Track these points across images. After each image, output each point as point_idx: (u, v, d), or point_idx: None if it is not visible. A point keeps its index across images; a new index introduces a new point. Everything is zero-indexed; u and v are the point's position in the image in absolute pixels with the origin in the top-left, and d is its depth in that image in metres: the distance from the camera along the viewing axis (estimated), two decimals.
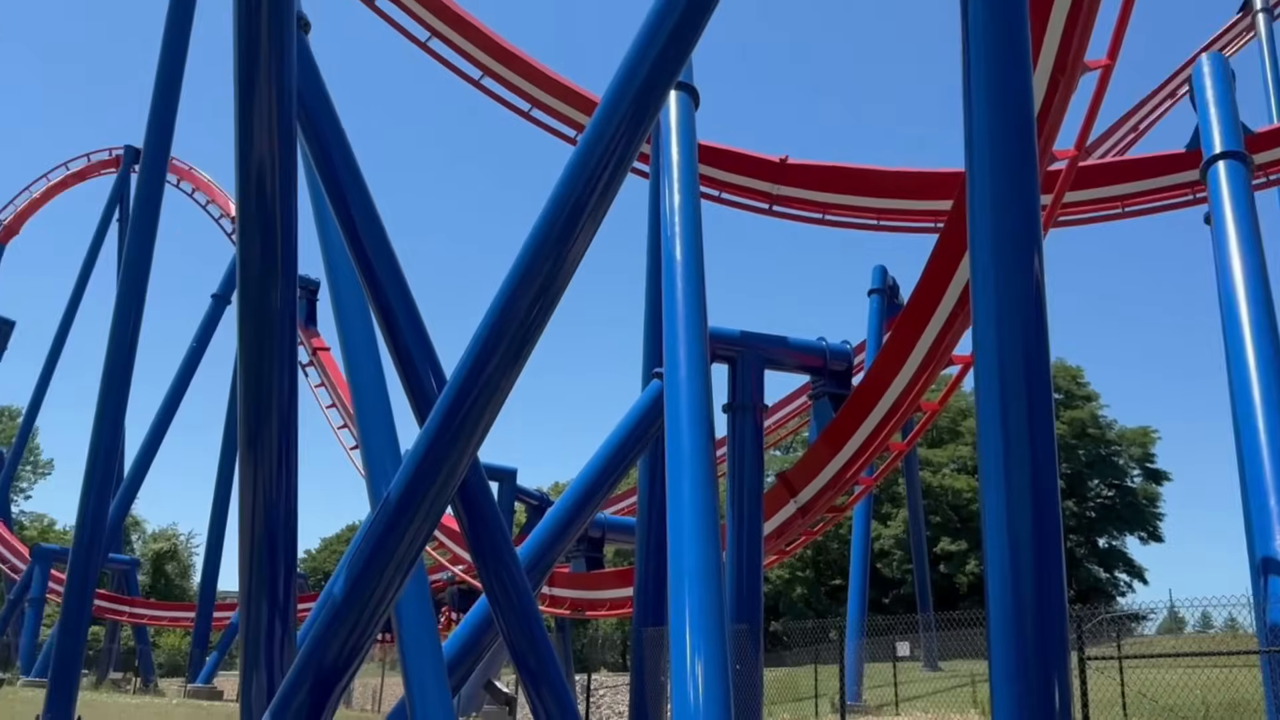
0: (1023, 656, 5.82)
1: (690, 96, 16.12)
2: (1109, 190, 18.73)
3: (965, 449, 54.97)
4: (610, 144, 7.46)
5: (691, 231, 13.73)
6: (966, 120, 6.81)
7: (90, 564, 16.09)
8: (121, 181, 44.09)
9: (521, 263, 7.35)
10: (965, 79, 6.86)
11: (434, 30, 22.37)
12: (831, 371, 17.04)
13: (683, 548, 9.96)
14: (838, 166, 20.71)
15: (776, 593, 54.22)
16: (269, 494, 7.14)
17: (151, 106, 16.11)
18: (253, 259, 6.93)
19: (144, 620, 45.49)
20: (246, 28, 6.57)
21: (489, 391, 7.20)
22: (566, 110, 22.58)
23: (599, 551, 25.81)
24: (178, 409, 38.81)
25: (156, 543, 73.20)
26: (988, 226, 6.62)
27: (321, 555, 79.93)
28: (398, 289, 9.03)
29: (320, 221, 9.78)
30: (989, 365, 6.41)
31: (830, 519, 19.21)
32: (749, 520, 15.42)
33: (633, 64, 7.62)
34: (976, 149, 6.73)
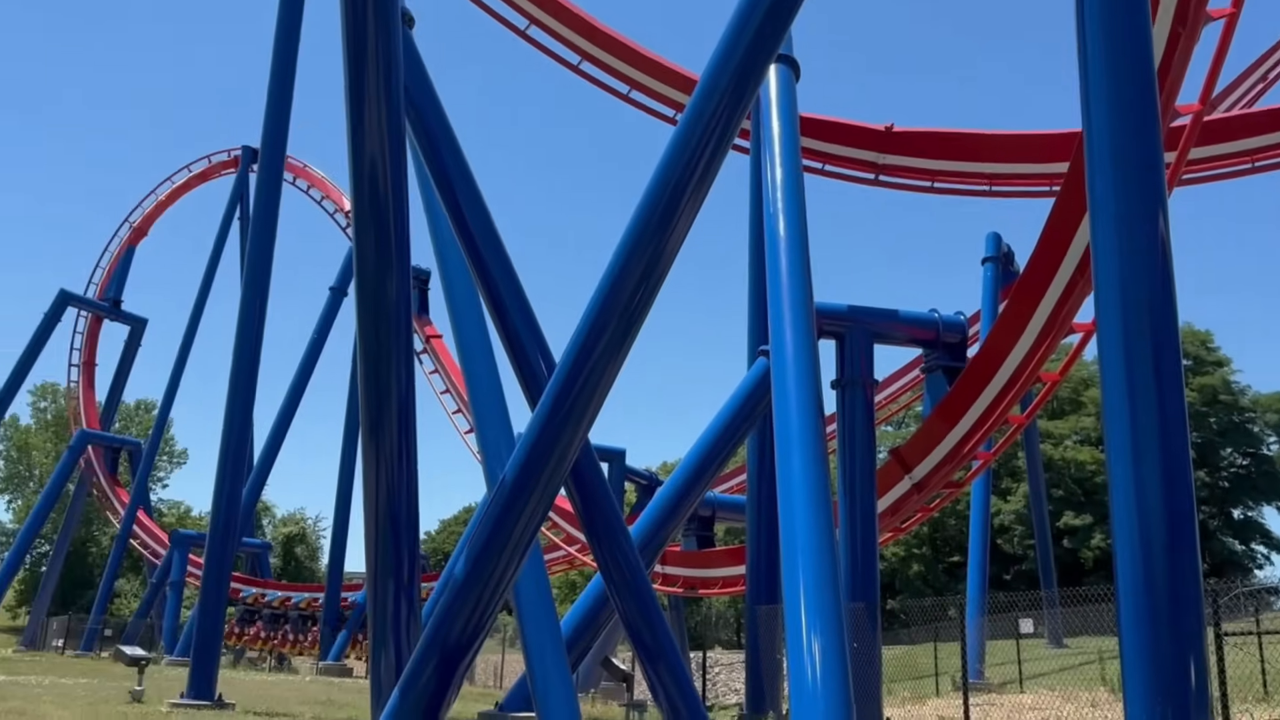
0: (1155, 633, 5.62)
1: (790, 69, 15.90)
2: (1237, 145, 17.72)
3: (1088, 420, 53.08)
4: (711, 121, 7.44)
5: (795, 206, 13.56)
6: (1082, 78, 6.54)
7: (226, 548, 16.93)
8: (241, 181, 45.94)
9: (626, 245, 7.41)
10: (1080, 35, 6.58)
11: (532, 18, 22.58)
12: (945, 344, 16.64)
13: (795, 526, 9.90)
14: (946, 132, 20.14)
15: (893, 571, 53.44)
16: (391, 478, 7.40)
17: (267, 108, 16.74)
18: (368, 251, 7.16)
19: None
20: (354, 27, 6.76)
21: (598, 374, 7.29)
22: (665, 90, 22.54)
23: (710, 530, 25.87)
24: (301, 398, 40.38)
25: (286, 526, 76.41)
26: (1109, 188, 6.35)
27: (440, 537, 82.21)
28: (506, 276, 9.21)
29: (430, 212, 10.03)
30: (1113, 332, 6.18)
31: (947, 495, 18.79)
32: (862, 498, 15.22)
33: (732, 39, 7.57)
34: (1094, 107, 6.46)
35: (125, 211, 53.74)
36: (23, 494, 66.90)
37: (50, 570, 49.11)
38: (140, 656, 16.61)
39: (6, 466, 68.42)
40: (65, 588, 58.67)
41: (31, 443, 68.85)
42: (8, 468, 68.44)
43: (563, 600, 49.97)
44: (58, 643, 42.23)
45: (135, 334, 52.87)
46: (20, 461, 68.59)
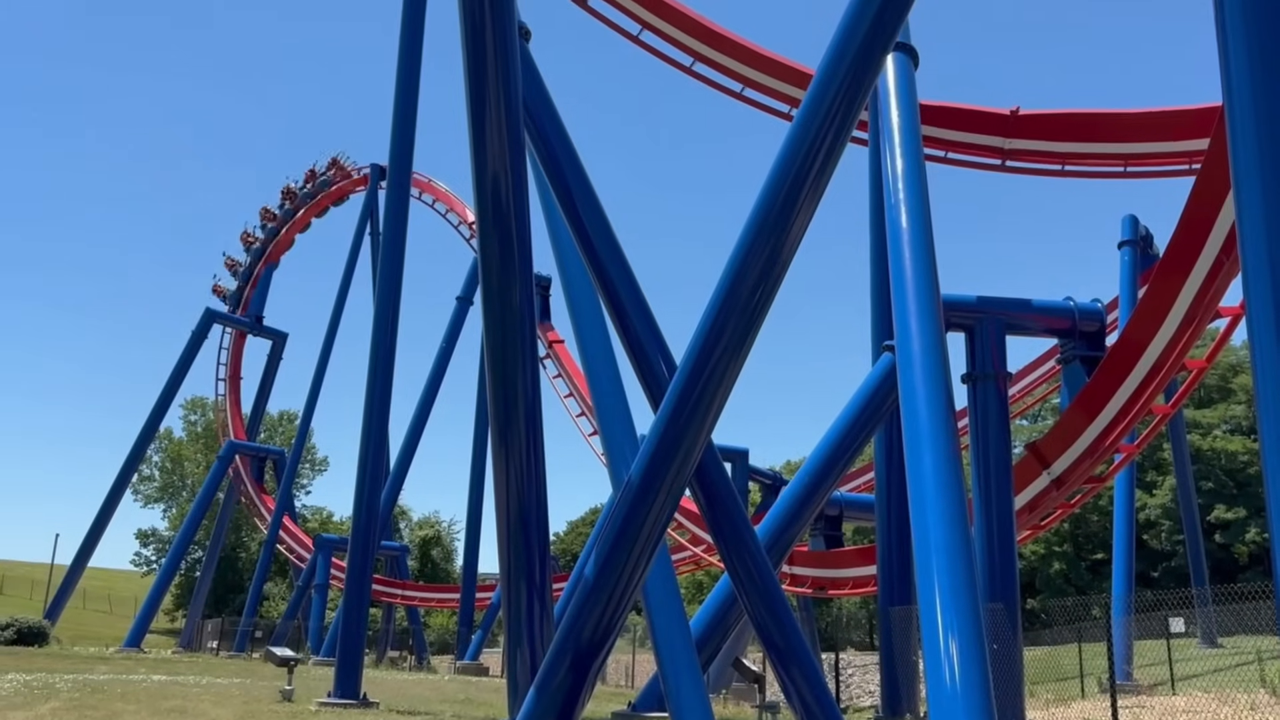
0: None
1: (909, 57, 15.57)
2: None
3: (1239, 408, 50.16)
4: (828, 114, 7.35)
5: (917, 196, 13.25)
6: (1220, 44, 6.19)
7: (366, 551, 17.60)
8: (371, 197, 47.70)
9: (744, 241, 7.39)
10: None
11: (645, 23, 22.75)
12: (1082, 333, 16.00)
13: (928, 525, 9.67)
14: (1075, 113, 19.37)
15: (1032, 569, 51.62)
16: (521, 481, 7.57)
17: (393, 126, 17.35)
18: (492, 261, 7.35)
19: (415, 602, 49.15)
20: (473, 43, 6.96)
21: (719, 374, 7.29)
22: (779, 86, 22.39)
23: (838, 529, 25.50)
24: (433, 406, 41.62)
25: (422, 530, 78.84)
26: (1254, 162, 5.98)
27: (569, 538, 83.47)
28: (626, 281, 9.31)
29: (550, 221, 10.23)
30: (1264, 314, 5.81)
31: (1089, 490, 18.04)
32: (998, 495, 14.76)
33: (848, 29, 7.47)
34: (1235, 78, 6.09)
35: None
36: (177, 503, 71.00)
37: (204, 575, 51.93)
38: (289, 657, 17.36)
39: (161, 477, 72.67)
40: (218, 591, 62.04)
41: (184, 454, 73.06)
42: (162, 478, 72.68)
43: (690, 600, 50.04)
44: (212, 644, 44.57)
45: (276, 348, 55.49)
46: (174, 472, 72.83)
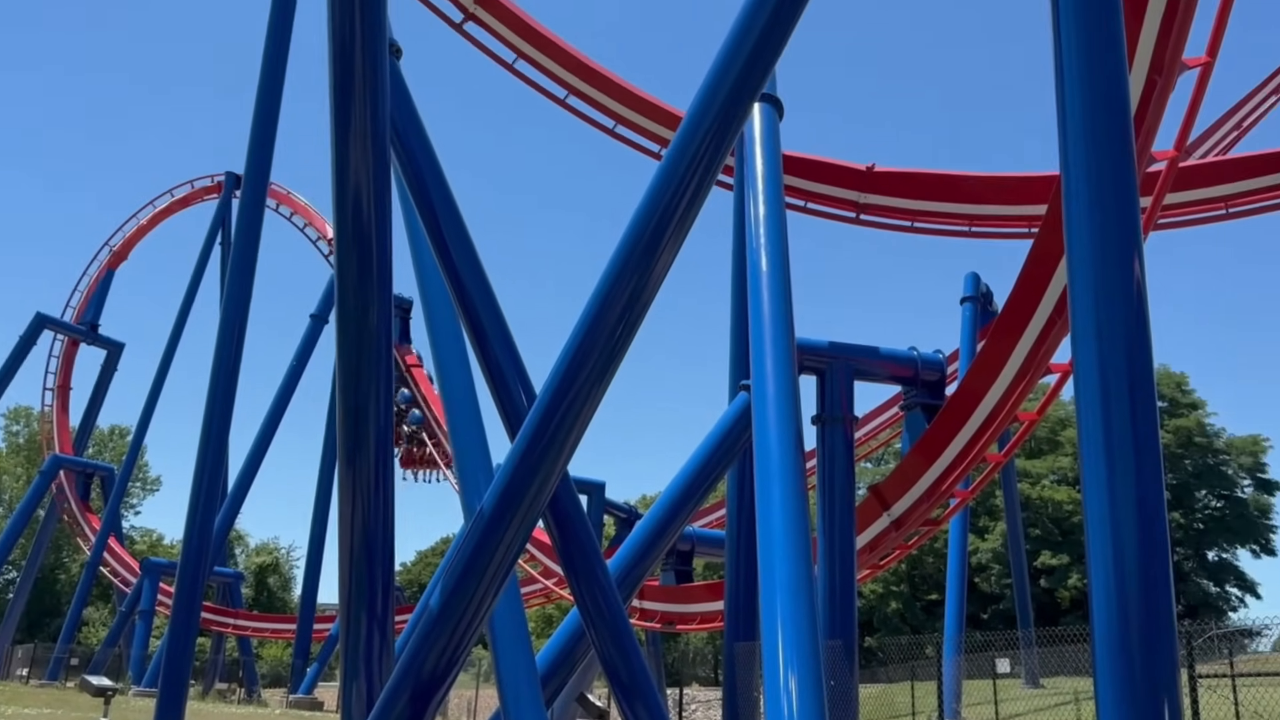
0: (1130, 674, 5.62)
1: (774, 108, 16.06)
2: (1211, 191, 18.01)
3: (1066, 460, 53.41)
4: (695, 158, 7.50)
5: (777, 242, 13.66)
6: (1060, 122, 6.65)
7: (197, 577, 16.67)
8: (224, 206, 45.82)
9: (609, 276, 7.44)
10: (1058, 80, 6.70)
11: (520, 52, 22.77)
12: (924, 382, 16.74)
13: (774, 561, 9.88)
14: (926, 173, 20.37)
15: (871, 608, 53.34)
16: (367, 508, 7.33)
17: (251, 133, 16.73)
18: (350, 279, 7.14)
19: (248, 632, 46.93)
20: (341, 56, 6.79)
21: (578, 405, 7.29)
22: (651, 126, 22.74)
23: (689, 565, 25.75)
24: (279, 426, 40.07)
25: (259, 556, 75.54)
26: (1085, 230, 6.44)
27: (417, 568, 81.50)
28: (488, 306, 9.20)
29: (413, 241, 10.03)
30: (1089, 373, 6.23)
31: (925, 532, 18.80)
32: (841, 534, 15.21)
33: (716, 79, 7.66)
34: (1072, 151, 6.56)
35: (106, 235, 53.40)
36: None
37: (17, 597, 48.26)
38: (107, 687, 16.30)
39: None
40: (32, 615, 57.65)
41: (2, 466, 67.95)
42: None
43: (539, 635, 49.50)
44: (22, 671, 41.42)
45: (112, 358, 52.42)
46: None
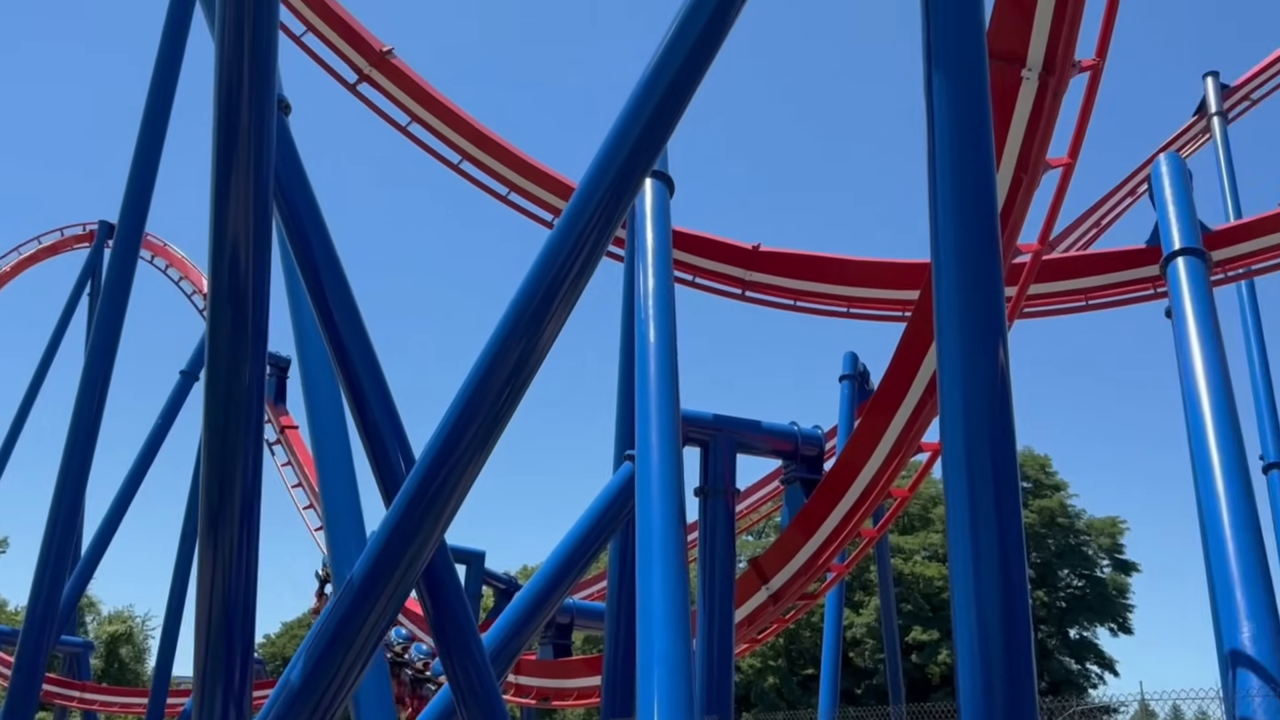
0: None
1: (665, 185, 16.41)
2: (1073, 283, 19.10)
3: (936, 536, 54.93)
4: (585, 229, 7.60)
5: (665, 315, 13.86)
6: (931, 214, 6.99)
7: (40, 646, 15.57)
8: (94, 255, 43.84)
9: (495, 343, 7.41)
10: (930, 176, 7.06)
11: (414, 115, 22.73)
12: (803, 456, 17.04)
13: (652, 635, 9.82)
14: (808, 255, 21.03)
15: (748, 682, 53.30)
16: (228, 575, 6.99)
17: (129, 181, 16.18)
18: (222, 335, 6.91)
19: (95, 706, 43.74)
20: (226, 110, 6.67)
21: (458, 472, 7.17)
22: (543, 195, 22.91)
23: (567, 638, 25.31)
24: (139, 487, 38.05)
25: (111, 625, 71.05)
26: (954, 317, 6.74)
27: (282, 640, 77.91)
28: (369, 367, 9.02)
29: (293, 299, 9.80)
30: (956, 452, 6.47)
31: (802, 606, 19.00)
32: (720, 607, 15.22)
33: (608, 154, 7.80)
34: (942, 242, 6.90)
35: None
36: None
37: None
38: None
39: None
40: None
41: None
42: None
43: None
44: None
45: None
46: None
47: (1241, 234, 17.90)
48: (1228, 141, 28.56)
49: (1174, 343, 15.05)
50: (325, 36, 21.23)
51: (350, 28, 21.23)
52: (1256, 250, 17.68)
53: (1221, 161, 27.82)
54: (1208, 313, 15.03)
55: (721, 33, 7.81)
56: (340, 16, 21.06)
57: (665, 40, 7.84)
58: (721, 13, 7.73)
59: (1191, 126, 31.22)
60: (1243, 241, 17.76)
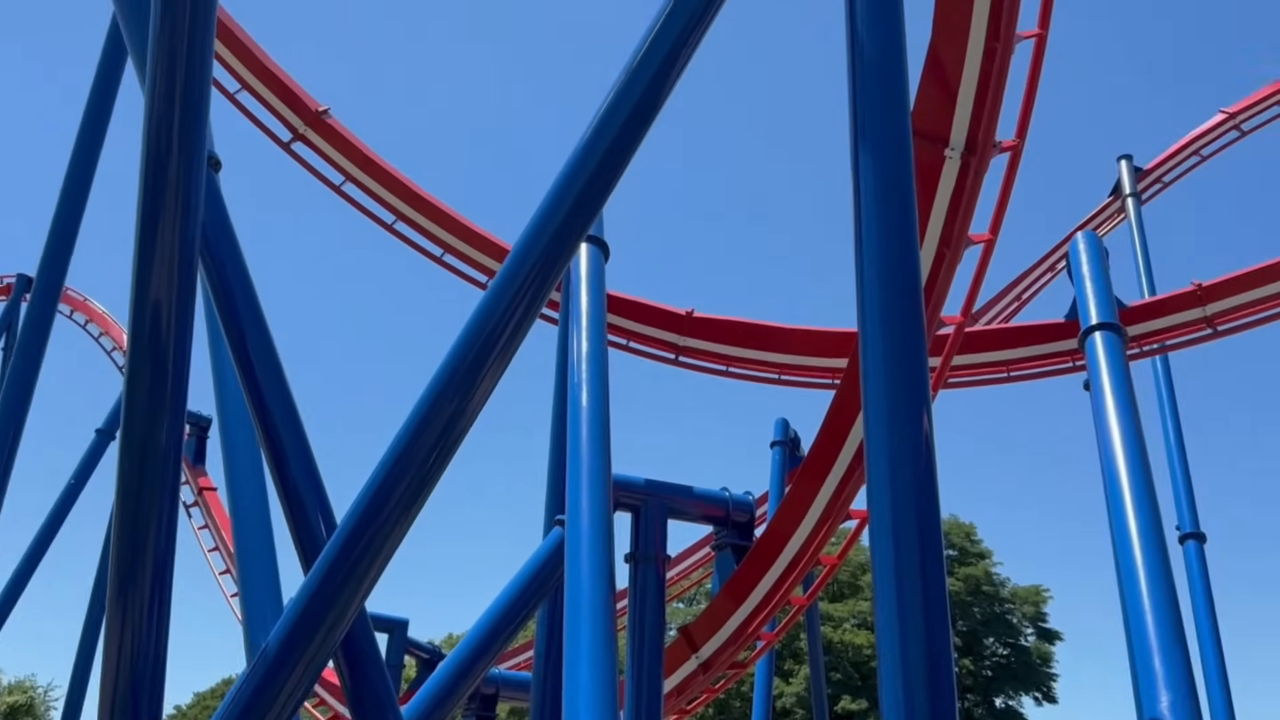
0: None
1: (600, 250, 16.50)
2: (995, 355, 19.59)
3: (865, 604, 55.12)
4: (519, 292, 7.59)
5: (598, 379, 13.85)
6: (859, 286, 7.16)
7: None
8: (10, 309, 42.47)
9: (424, 404, 7.31)
10: (857, 249, 7.24)
11: (349, 175, 22.67)
12: (734, 522, 17.03)
13: (578, 706, 9.62)
14: (740, 321, 21.30)
15: None
16: (137, 641, 6.70)
17: (50, 233, 15.78)
18: (140, 394, 6.72)
19: None
20: (155, 164, 6.57)
21: (382, 537, 7.01)
22: (478, 256, 22.91)
23: (492, 710, 24.63)
24: (48, 549, 36.44)
25: (11, 695, 67.39)
26: (880, 386, 6.87)
27: (194, 711, 74.69)
28: (292, 429, 8.81)
29: (216, 358, 9.59)
30: (882, 520, 6.54)
31: (732, 676, 18.84)
32: (649, 676, 15.00)
33: (544, 218, 7.84)
34: (868, 313, 7.05)
35: None
36: None
37: None
38: None
39: None
40: None
41: None
42: None
43: None
44: None
45: None
46: None
47: (1156, 310, 18.61)
48: (1141, 221, 29.82)
49: (1092, 415, 15.49)
50: (260, 95, 21.14)
51: (286, 86, 21.18)
52: (1170, 326, 18.38)
53: (1136, 240, 29.00)
54: (1124, 386, 15.52)
55: (659, 99, 7.96)
56: (276, 75, 21.01)
57: (603, 106, 7.96)
58: (659, 80, 7.89)
59: (1108, 206, 32.60)
60: (1157, 318, 18.46)
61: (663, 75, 7.93)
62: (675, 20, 7.99)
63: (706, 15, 8.09)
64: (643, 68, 7.94)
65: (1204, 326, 18.19)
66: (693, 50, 8.14)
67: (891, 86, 7.55)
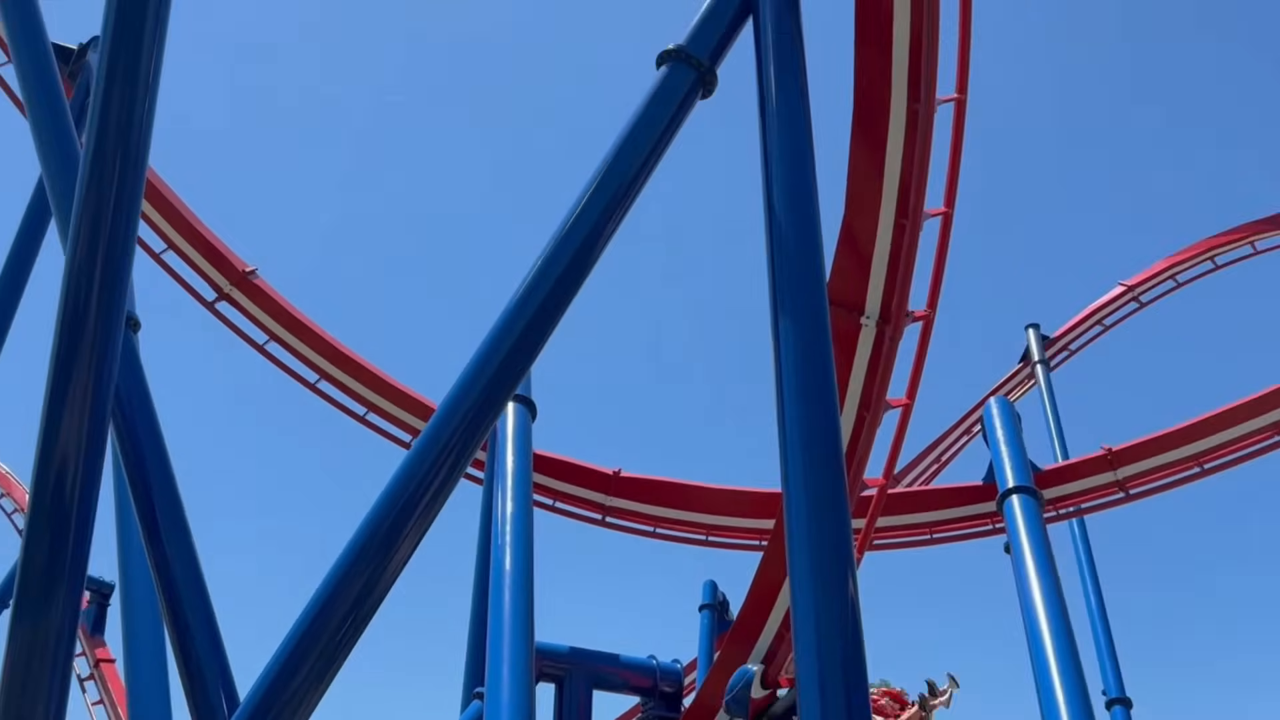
0: None
1: (528, 409, 16.52)
2: (917, 517, 19.77)
3: None
4: (444, 451, 7.51)
5: (522, 542, 13.58)
6: (781, 449, 7.26)
7: None
8: None
9: (338, 570, 7.05)
10: (779, 413, 7.38)
11: (273, 334, 22.49)
12: (661, 693, 16.49)
13: None
14: (667, 481, 21.25)
15: None
16: None
17: None
18: (39, 560, 6.38)
19: None
20: (71, 324, 6.47)
21: (289, 713, 6.63)
22: (402, 415, 22.66)
23: None
24: None
25: None
26: (804, 548, 6.87)
27: None
28: (196, 598, 8.40)
29: (122, 523, 9.23)
30: (810, 685, 6.42)
31: None
32: None
33: (471, 377, 7.84)
34: (791, 476, 7.12)
35: None
36: None
37: None
38: None
39: None
40: None
41: None
42: None
43: None
44: None
45: None
46: None
47: (1069, 474, 19.10)
48: (1051, 387, 30.90)
49: (1014, 579, 15.60)
50: (186, 254, 21.08)
51: (213, 247, 21.18)
52: (1084, 490, 18.85)
53: (1047, 405, 29.96)
54: (1043, 549, 15.74)
55: (588, 264, 8.17)
56: (203, 235, 21.02)
57: (533, 269, 8.13)
58: (589, 245, 8.12)
59: (1018, 372, 33.79)
60: (1070, 481, 18.93)
61: (591, 242, 8.16)
62: (602, 193, 8.31)
63: (633, 189, 8.44)
64: (571, 234, 8.17)
65: (1116, 490, 18.69)
66: (620, 219, 8.44)
67: (807, 257, 7.89)
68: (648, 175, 8.58)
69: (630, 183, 8.39)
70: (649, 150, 8.56)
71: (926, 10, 10.60)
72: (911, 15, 10.59)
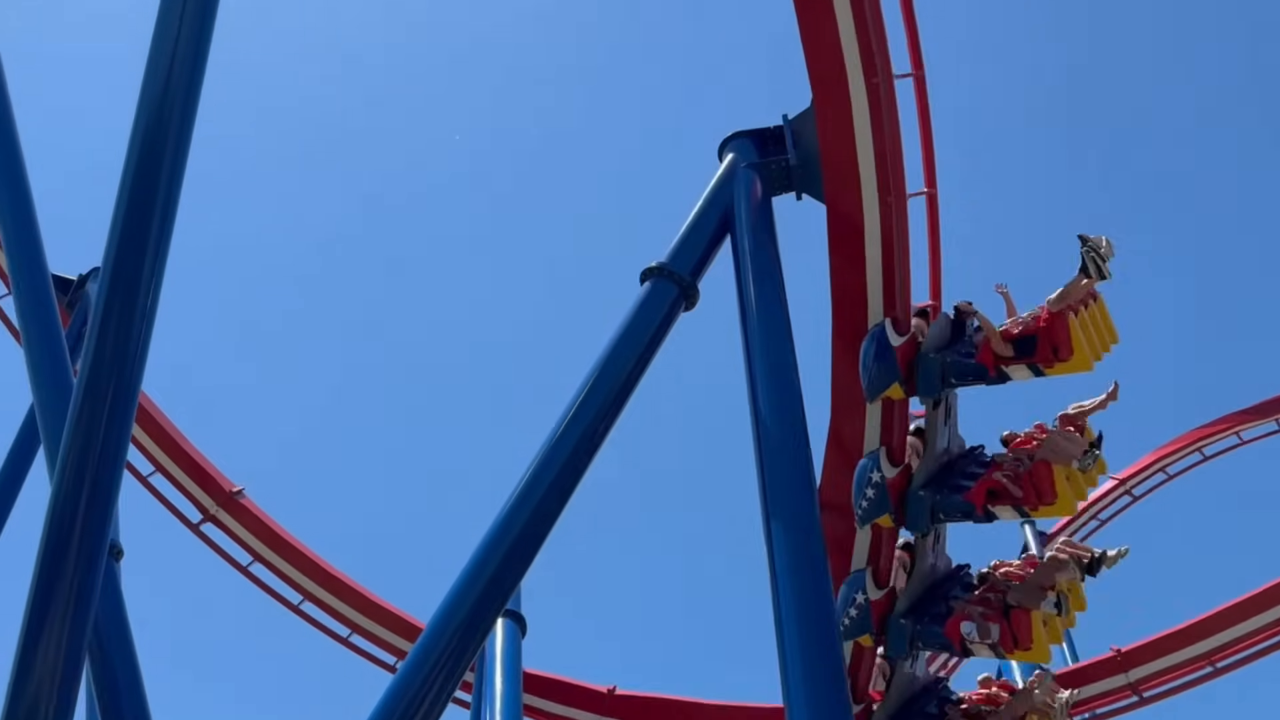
0: None
1: (518, 625, 16.09)
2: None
3: None
4: (431, 673, 7.29)
5: None
6: (781, 662, 7.04)
7: None
8: None
9: None
10: (776, 619, 7.21)
11: (257, 554, 22.07)
12: None
13: None
14: (665, 698, 20.41)
15: None
16: None
17: None
18: None
19: None
20: (53, 553, 6.35)
21: None
22: (388, 636, 21.97)
23: None
24: None
25: None
26: None
27: None
28: None
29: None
30: None
31: None
32: None
33: (460, 593, 7.68)
34: (793, 689, 6.87)
35: None
36: None
37: None
38: None
39: None
40: None
41: None
42: None
43: None
44: None
45: None
46: None
47: (1079, 678, 18.07)
48: None
49: None
50: (173, 476, 20.97)
51: (200, 468, 21.12)
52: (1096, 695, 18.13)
53: None
54: None
55: (578, 473, 8.16)
56: (191, 456, 21.00)
57: (522, 480, 8.10)
58: (578, 455, 8.14)
59: None
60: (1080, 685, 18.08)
61: (579, 452, 8.19)
62: (589, 404, 8.43)
63: (620, 399, 8.57)
64: (560, 445, 8.21)
65: (1130, 693, 17.99)
66: (608, 429, 8.51)
67: (797, 464, 7.91)
68: (634, 385, 8.73)
69: (617, 393, 8.53)
70: (634, 361, 8.76)
71: (896, 225, 11.01)
72: (882, 234, 10.89)
